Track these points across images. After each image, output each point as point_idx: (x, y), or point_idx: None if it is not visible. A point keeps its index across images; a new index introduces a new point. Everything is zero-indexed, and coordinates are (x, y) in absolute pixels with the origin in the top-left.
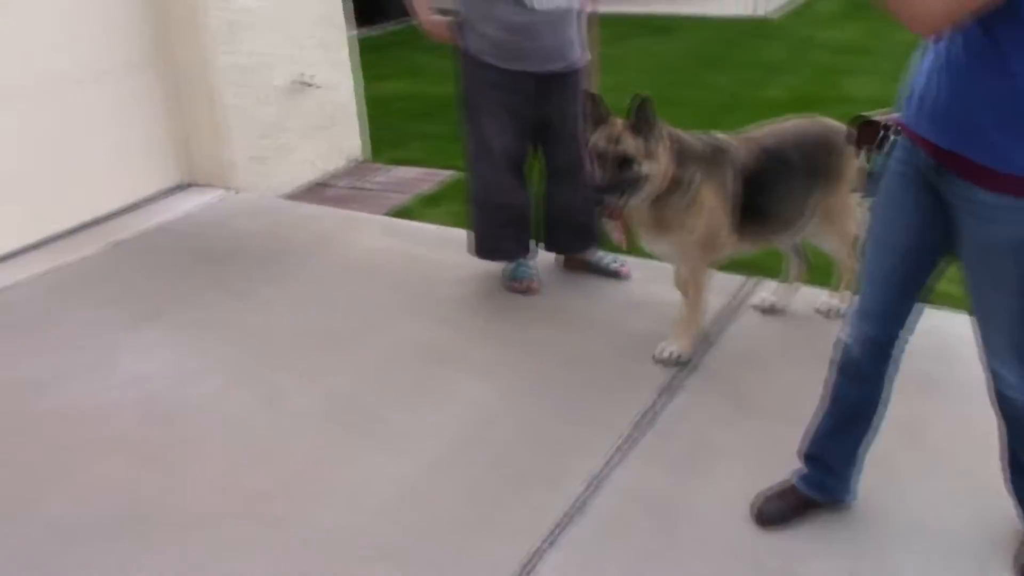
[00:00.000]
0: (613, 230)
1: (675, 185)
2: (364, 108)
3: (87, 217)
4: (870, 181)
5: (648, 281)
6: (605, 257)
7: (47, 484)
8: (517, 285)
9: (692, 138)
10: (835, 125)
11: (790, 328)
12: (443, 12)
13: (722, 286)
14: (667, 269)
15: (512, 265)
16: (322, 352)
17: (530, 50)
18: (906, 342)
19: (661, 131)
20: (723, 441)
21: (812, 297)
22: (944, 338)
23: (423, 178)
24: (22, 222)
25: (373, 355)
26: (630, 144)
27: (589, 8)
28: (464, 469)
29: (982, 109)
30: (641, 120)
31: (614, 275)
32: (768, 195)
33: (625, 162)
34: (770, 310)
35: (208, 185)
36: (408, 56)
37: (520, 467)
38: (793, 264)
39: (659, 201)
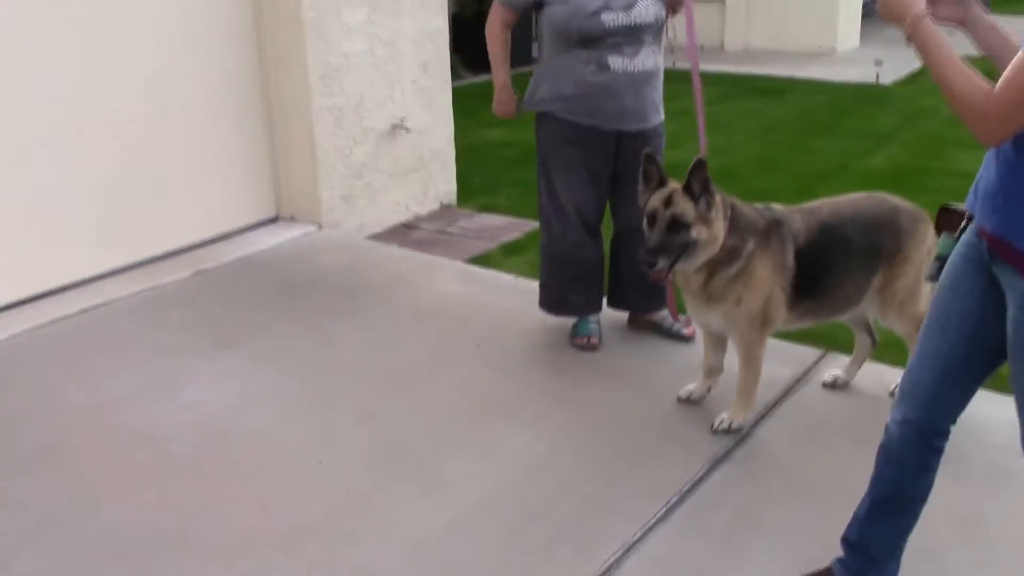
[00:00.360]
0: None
1: (727, 255)
2: (454, 154)
3: (180, 243)
4: (936, 265)
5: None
6: (670, 318)
7: (103, 498)
8: (580, 341)
9: (747, 208)
10: (901, 205)
11: (855, 406)
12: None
13: (793, 357)
14: None
15: (575, 319)
16: (379, 391)
17: (608, 109)
18: (949, 433)
19: (715, 197)
20: (767, 518)
21: (882, 375)
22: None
23: (509, 227)
24: (119, 243)
25: (428, 399)
26: (683, 207)
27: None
28: (499, 521)
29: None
30: (696, 183)
31: (679, 337)
32: (824, 271)
33: (677, 225)
34: (836, 386)
35: (299, 220)
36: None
37: (555, 524)
38: (860, 341)
39: (710, 270)
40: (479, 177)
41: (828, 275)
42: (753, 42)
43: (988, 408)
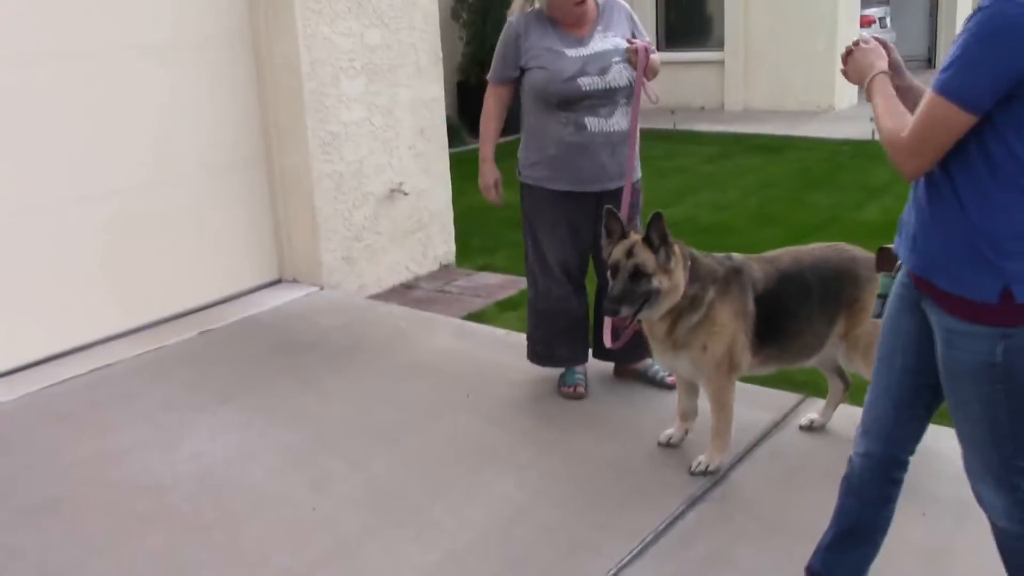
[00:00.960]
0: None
1: (689, 303)
2: (452, 216)
3: (186, 306)
4: (879, 303)
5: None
6: (654, 367)
7: (102, 547)
8: (566, 390)
9: (707, 257)
10: (859, 254)
11: (830, 447)
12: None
13: (773, 403)
14: None
15: (563, 370)
16: (373, 442)
17: (586, 168)
18: (908, 464)
19: (674, 248)
20: (740, 555)
21: (856, 417)
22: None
23: (505, 284)
24: (126, 307)
25: (419, 448)
26: (644, 258)
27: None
28: (485, 564)
29: (942, 238)
30: (655, 235)
31: (663, 385)
32: (784, 318)
33: (639, 275)
34: (813, 428)
35: (301, 282)
36: (512, 167)
37: (538, 566)
38: (833, 385)
39: (673, 318)
40: (479, 237)
41: (788, 321)
42: (752, 102)
43: (955, 443)
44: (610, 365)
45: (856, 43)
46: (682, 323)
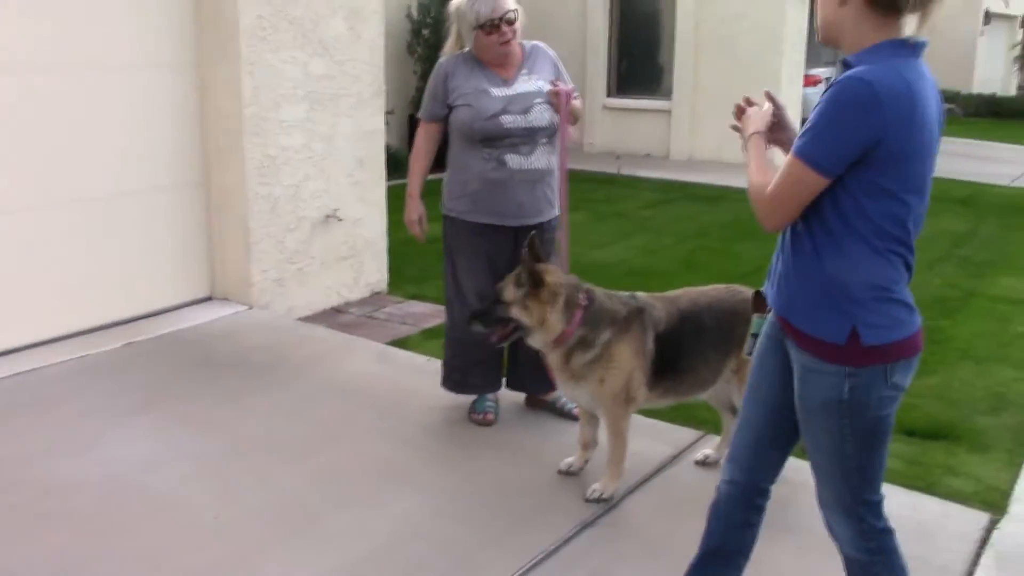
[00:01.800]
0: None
1: (579, 342)
2: (386, 244)
3: (114, 318)
4: (751, 341)
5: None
6: (563, 398)
7: None
8: (476, 416)
9: (611, 299)
10: (749, 296)
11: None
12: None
13: (673, 438)
14: None
15: (475, 397)
16: (285, 457)
17: (506, 203)
18: (769, 492)
19: (546, 290)
20: (620, 575)
21: None
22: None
23: (433, 313)
24: (58, 314)
25: (326, 464)
26: (508, 290)
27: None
28: (377, 574)
29: (800, 283)
30: (524, 275)
31: (570, 416)
32: (682, 355)
33: (499, 302)
34: (707, 463)
35: (231, 300)
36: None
37: None
38: (727, 421)
39: (564, 353)
40: (413, 267)
41: (685, 358)
42: (697, 152)
43: None
44: (522, 395)
45: (747, 100)
46: (575, 359)
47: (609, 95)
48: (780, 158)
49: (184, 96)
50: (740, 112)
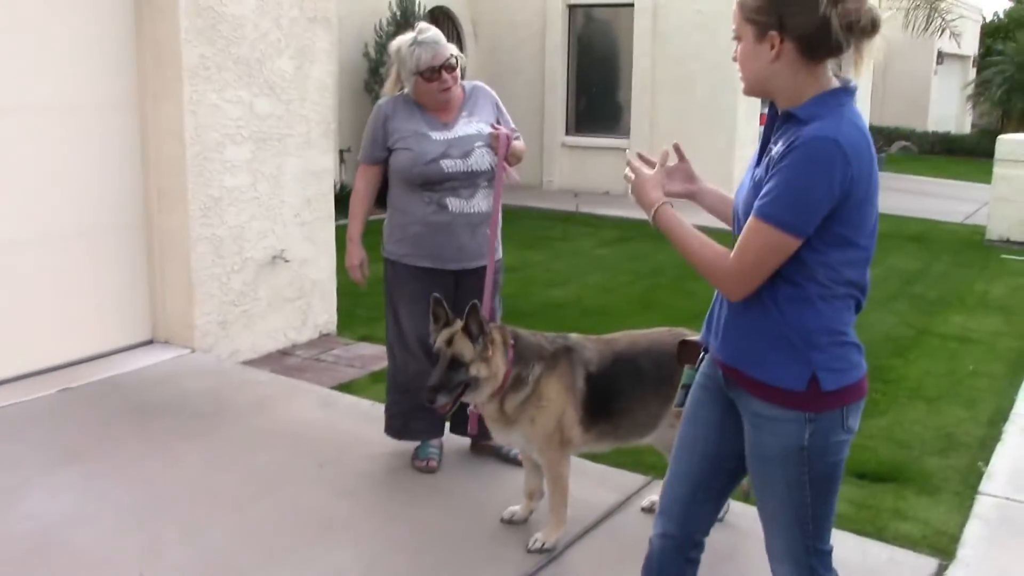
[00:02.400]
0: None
1: (514, 382)
2: (335, 285)
3: (51, 363)
4: (682, 393)
5: None
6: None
7: None
8: (419, 463)
9: (535, 337)
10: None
11: None
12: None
13: (619, 483)
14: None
15: (418, 443)
16: (212, 509)
17: (447, 247)
18: (703, 544)
19: (493, 335)
20: None
21: None
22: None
23: (381, 355)
24: None
25: (261, 517)
26: (463, 347)
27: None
28: None
29: (753, 330)
30: (473, 325)
31: (516, 462)
32: (617, 397)
33: (457, 364)
34: (653, 510)
35: (173, 344)
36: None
37: None
38: None
39: (500, 398)
40: (364, 308)
41: (621, 400)
42: None
43: None
44: (467, 440)
45: (629, 164)
46: (509, 401)
47: (568, 133)
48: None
49: (125, 136)
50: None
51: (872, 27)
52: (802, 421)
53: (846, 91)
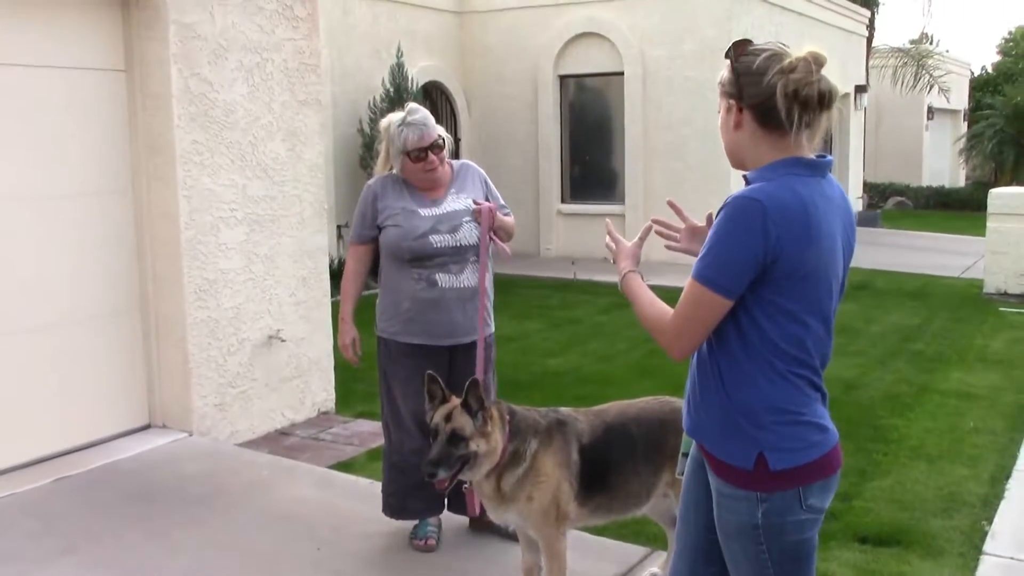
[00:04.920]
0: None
1: (512, 457)
2: (333, 363)
3: (47, 451)
4: (683, 461)
5: None
6: None
7: None
8: (418, 543)
9: (529, 412)
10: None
11: None
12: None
13: (619, 555)
14: (572, 536)
15: (416, 522)
16: None
17: (438, 323)
18: None
19: (492, 410)
20: None
21: None
22: None
23: (379, 432)
24: None
25: None
26: (462, 422)
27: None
28: None
29: (707, 406)
30: (472, 400)
31: (516, 539)
32: (610, 468)
33: (457, 439)
34: None
35: (170, 427)
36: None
37: None
38: (671, 536)
39: (498, 474)
40: (362, 384)
41: (614, 471)
42: (651, 255)
43: None
44: (466, 517)
45: (609, 234)
46: (507, 478)
47: (563, 201)
48: None
49: (120, 222)
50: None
51: (820, 98)
52: (753, 500)
53: (800, 162)
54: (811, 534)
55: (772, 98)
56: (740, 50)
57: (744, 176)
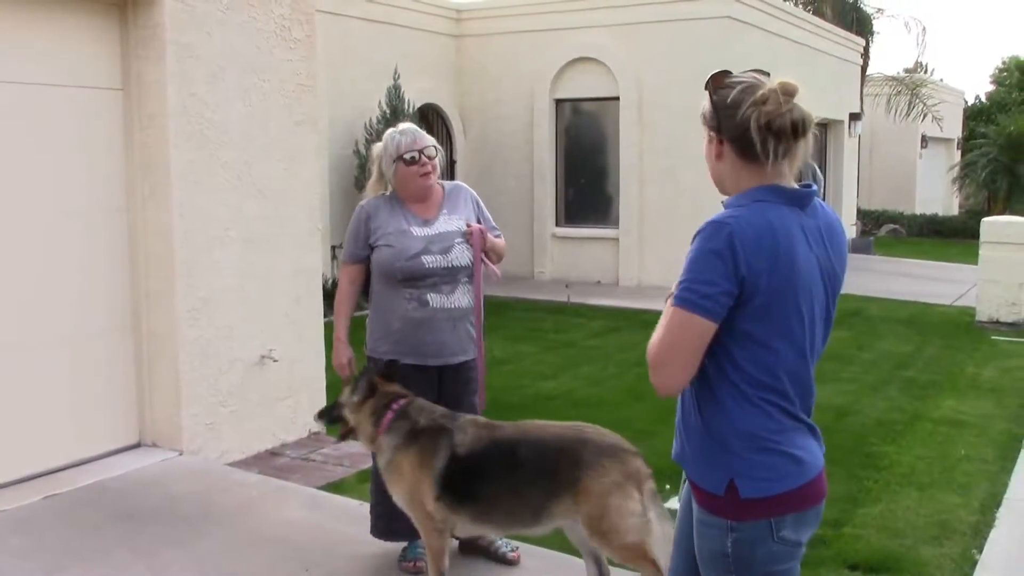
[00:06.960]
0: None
1: (382, 444)
2: (325, 383)
3: (37, 469)
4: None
5: (540, 570)
6: (497, 542)
7: None
8: (407, 565)
9: (431, 414)
10: (592, 437)
11: None
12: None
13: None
14: (561, 559)
15: (405, 544)
16: None
17: (428, 343)
18: None
19: (371, 397)
20: None
21: None
22: None
23: (370, 454)
24: None
25: None
26: (344, 393)
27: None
28: None
29: (687, 432)
30: (359, 380)
31: (504, 561)
32: (484, 482)
33: (338, 404)
34: None
35: (161, 446)
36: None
37: None
38: (589, 570)
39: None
40: None
41: (487, 485)
42: (645, 278)
43: None
44: (455, 540)
45: None
46: (379, 459)
47: (558, 224)
48: None
49: (115, 240)
50: None
51: (794, 128)
52: (724, 528)
53: (774, 190)
54: (787, 566)
55: (748, 131)
56: (718, 82)
57: (722, 203)
